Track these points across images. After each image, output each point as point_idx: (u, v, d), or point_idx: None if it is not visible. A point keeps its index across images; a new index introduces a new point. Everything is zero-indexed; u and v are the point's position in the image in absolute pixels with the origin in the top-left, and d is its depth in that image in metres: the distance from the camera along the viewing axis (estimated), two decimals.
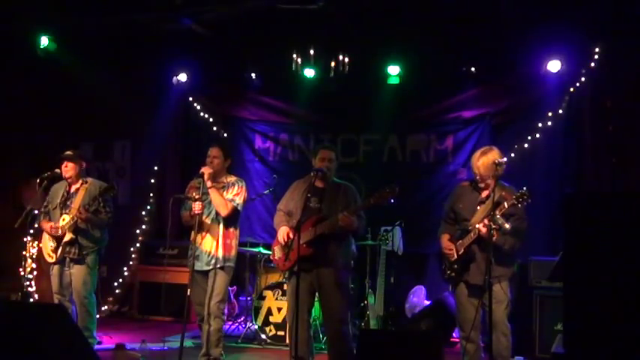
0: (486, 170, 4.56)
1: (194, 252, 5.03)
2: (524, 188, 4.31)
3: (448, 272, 4.67)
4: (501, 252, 4.47)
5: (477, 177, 4.65)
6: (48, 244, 5.55)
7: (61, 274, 5.50)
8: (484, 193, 4.63)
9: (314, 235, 4.72)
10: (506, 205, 4.30)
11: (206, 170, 5.02)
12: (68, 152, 5.61)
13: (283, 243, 4.82)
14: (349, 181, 5.14)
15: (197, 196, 5.00)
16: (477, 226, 4.42)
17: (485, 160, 4.57)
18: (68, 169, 5.57)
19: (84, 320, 5.50)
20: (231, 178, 5.23)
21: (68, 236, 5.41)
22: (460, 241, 4.58)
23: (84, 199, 5.47)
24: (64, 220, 5.46)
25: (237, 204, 5.11)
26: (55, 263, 5.51)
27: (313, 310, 5.31)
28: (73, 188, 5.61)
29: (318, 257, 4.75)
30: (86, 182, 5.62)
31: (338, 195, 4.87)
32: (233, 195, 5.11)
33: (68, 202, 5.53)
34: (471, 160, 4.75)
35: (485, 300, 4.40)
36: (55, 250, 5.48)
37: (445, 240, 4.72)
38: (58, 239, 5.47)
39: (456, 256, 4.59)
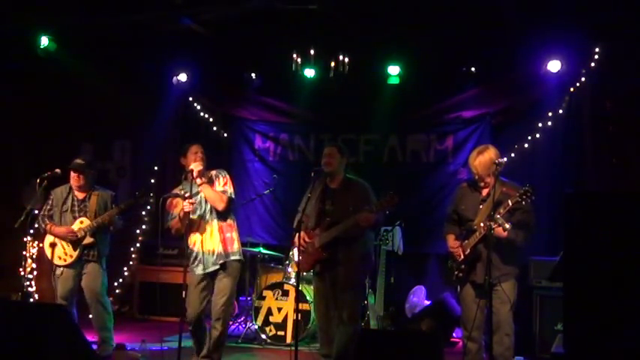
0: (484, 169, 4.58)
1: (196, 257, 4.97)
2: (527, 185, 4.32)
3: (455, 273, 4.67)
4: (513, 247, 4.49)
5: (476, 176, 4.67)
6: (60, 247, 5.46)
7: (71, 278, 5.43)
8: (485, 192, 4.64)
9: (328, 238, 4.86)
10: (510, 203, 4.31)
11: (196, 167, 4.94)
12: (79, 161, 5.57)
13: (302, 248, 4.90)
14: None
15: (187, 195, 4.90)
16: (482, 225, 4.43)
17: (482, 159, 4.59)
18: (79, 179, 5.52)
19: (103, 320, 5.49)
20: (213, 172, 5.16)
21: (89, 239, 5.43)
22: (466, 242, 4.59)
23: (98, 205, 5.51)
24: (82, 223, 5.45)
25: (230, 193, 5.07)
26: (66, 266, 5.45)
27: None
28: (82, 195, 5.58)
29: (334, 259, 4.90)
30: (95, 190, 5.63)
31: (348, 195, 4.95)
32: (222, 186, 5.06)
33: (82, 206, 5.53)
34: (468, 160, 4.77)
35: (493, 299, 4.44)
36: (68, 253, 5.43)
37: (451, 240, 4.74)
38: (74, 242, 5.44)
39: (462, 257, 4.60)
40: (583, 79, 6.73)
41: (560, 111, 6.87)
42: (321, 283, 5.04)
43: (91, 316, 5.59)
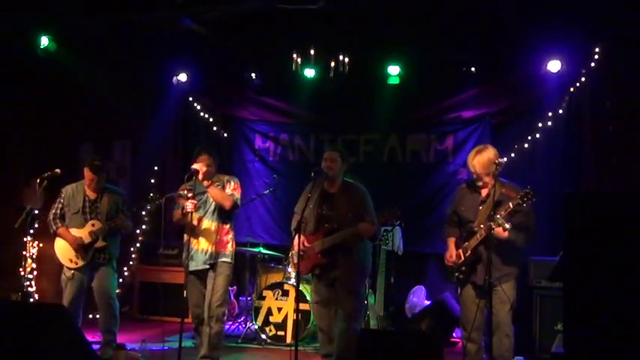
0: (483, 168, 4.58)
1: (189, 252, 5.04)
2: (529, 187, 4.31)
3: (456, 274, 4.67)
4: (513, 248, 4.50)
5: (475, 176, 4.66)
6: (71, 249, 5.41)
7: (81, 281, 5.41)
8: (484, 193, 4.64)
9: (328, 245, 4.87)
10: (511, 206, 4.31)
11: (201, 168, 5.01)
12: (97, 163, 5.53)
13: (302, 253, 4.91)
14: None
15: (190, 195, 4.97)
16: (482, 226, 4.43)
17: (481, 158, 4.59)
18: (95, 180, 5.50)
19: (110, 323, 5.49)
20: (225, 177, 5.25)
21: (101, 243, 5.42)
22: (466, 243, 4.58)
23: (110, 206, 5.50)
24: (93, 225, 5.43)
25: (237, 198, 5.16)
26: (77, 269, 5.41)
27: None
28: (94, 195, 5.55)
29: (333, 264, 4.92)
30: (107, 190, 5.62)
31: (346, 200, 4.95)
32: (232, 190, 5.16)
33: (93, 207, 5.50)
34: (466, 160, 4.76)
35: (493, 299, 4.44)
36: (80, 257, 5.40)
37: (452, 245, 4.75)
38: (86, 245, 5.41)
39: (463, 259, 4.60)
40: (583, 79, 6.72)
41: (560, 111, 6.86)
42: (321, 284, 5.05)
43: (96, 316, 5.59)
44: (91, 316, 6.46)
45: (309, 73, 7.47)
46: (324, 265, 4.93)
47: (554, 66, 6.71)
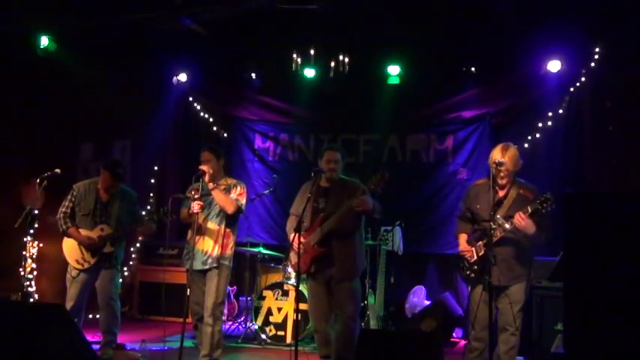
0: (513, 164, 4.53)
1: (191, 251, 5.05)
2: (549, 193, 4.29)
3: (467, 273, 4.66)
4: (524, 249, 4.52)
5: (500, 174, 4.56)
6: (78, 251, 5.41)
7: (85, 282, 5.40)
8: (501, 193, 4.61)
9: (325, 231, 4.85)
10: (529, 209, 4.29)
11: (207, 170, 5.08)
12: (121, 170, 5.51)
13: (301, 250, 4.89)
14: None
15: (196, 196, 5.05)
16: (508, 226, 4.42)
17: (509, 154, 4.54)
18: (113, 184, 5.47)
19: (111, 324, 5.49)
20: (232, 181, 5.32)
21: (109, 248, 5.42)
22: (480, 242, 4.57)
23: (121, 211, 5.48)
24: (102, 230, 5.41)
25: (241, 204, 5.23)
26: (83, 271, 5.41)
27: None
28: (107, 197, 5.50)
29: (330, 255, 4.89)
30: (119, 192, 5.57)
31: (343, 191, 4.95)
32: (237, 195, 5.22)
33: (104, 211, 5.47)
34: (489, 159, 4.68)
35: (502, 299, 4.48)
36: (87, 259, 5.39)
37: (463, 241, 4.73)
38: (93, 249, 5.41)
39: (475, 257, 4.59)
40: (583, 79, 6.72)
41: (560, 111, 6.86)
42: (316, 283, 5.02)
43: (96, 316, 5.59)
44: (91, 316, 6.46)
45: (309, 73, 7.47)
46: (321, 256, 4.88)
47: (554, 66, 6.72)
